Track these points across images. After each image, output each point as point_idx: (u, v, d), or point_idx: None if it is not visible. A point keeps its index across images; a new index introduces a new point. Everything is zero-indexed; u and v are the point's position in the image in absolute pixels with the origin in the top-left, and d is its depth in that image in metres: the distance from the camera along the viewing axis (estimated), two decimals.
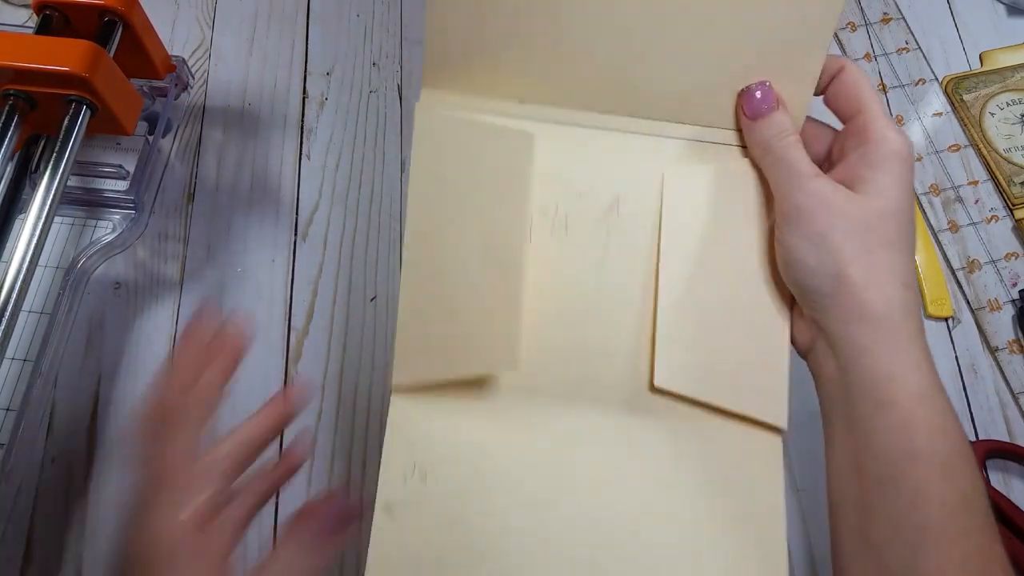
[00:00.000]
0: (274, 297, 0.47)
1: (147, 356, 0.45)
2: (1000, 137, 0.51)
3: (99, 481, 0.42)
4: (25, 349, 0.43)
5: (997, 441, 0.44)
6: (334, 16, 0.55)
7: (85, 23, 0.43)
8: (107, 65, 0.40)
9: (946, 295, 0.47)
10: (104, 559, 0.40)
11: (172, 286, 0.47)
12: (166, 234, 0.48)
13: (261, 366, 0.45)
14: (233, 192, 0.49)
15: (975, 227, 0.49)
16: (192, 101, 0.52)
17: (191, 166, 0.50)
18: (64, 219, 0.47)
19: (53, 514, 0.41)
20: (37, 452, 0.42)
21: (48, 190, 0.39)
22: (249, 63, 0.53)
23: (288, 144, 0.51)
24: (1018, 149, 0.51)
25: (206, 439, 0.30)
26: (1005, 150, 0.51)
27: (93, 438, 0.43)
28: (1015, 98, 0.52)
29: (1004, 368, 0.46)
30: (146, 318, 0.46)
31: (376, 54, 0.54)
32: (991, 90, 0.53)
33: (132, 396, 0.44)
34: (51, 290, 0.45)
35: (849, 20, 0.56)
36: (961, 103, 0.52)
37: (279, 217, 0.49)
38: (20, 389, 0.42)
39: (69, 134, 0.40)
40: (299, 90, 0.53)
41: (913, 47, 0.55)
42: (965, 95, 0.52)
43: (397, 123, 0.52)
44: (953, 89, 0.53)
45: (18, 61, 0.39)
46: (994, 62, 0.54)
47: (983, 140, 0.51)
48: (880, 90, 0.53)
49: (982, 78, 0.53)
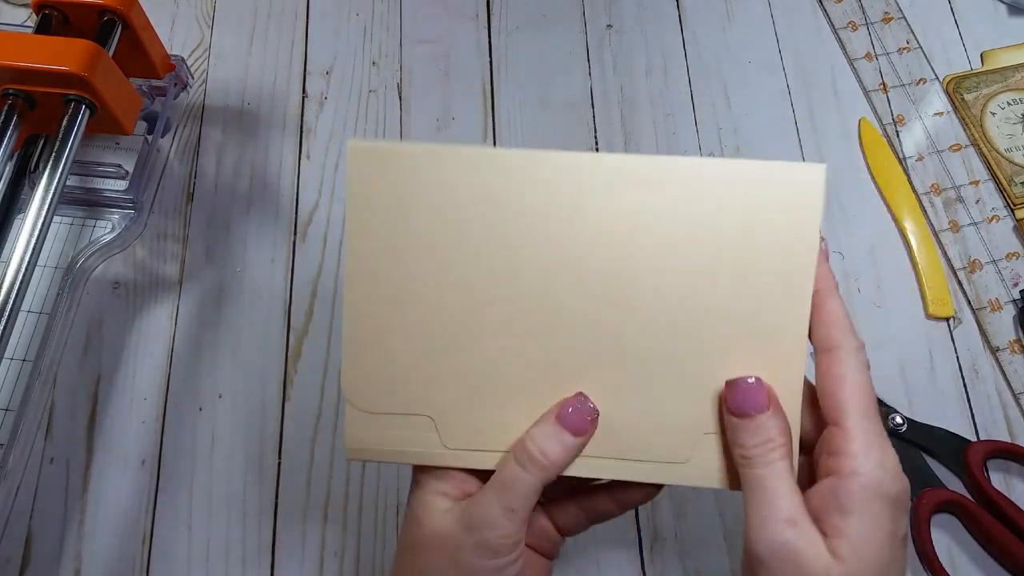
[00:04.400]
0: (274, 297, 0.47)
1: (146, 356, 0.45)
2: (1001, 136, 0.51)
3: (98, 481, 0.42)
4: (24, 349, 0.43)
5: (998, 441, 0.43)
6: (333, 15, 0.55)
7: (84, 22, 0.43)
8: (106, 64, 0.40)
9: (947, 295, 0.47)
10: (103, 559, 0.40)
11: (171, 286, 0.47)
12: (165, 234, 0.48)
13: (261, 366, 0.45)
14: (232, 192, 0.49)
15: (976, 227, 0.49)
16: (191, 100, 0.52)
17: (190, 166, 0.50)
18: (63, 219, 0.47)
19: (52, 514, 0.41)
20: (36, 452, 0.42)
21: (47, 190, 0.39)
22: (248, 62, 0.53)
23: (287, 144, 0.51)
24: (1019, 149, 0.51)
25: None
26: (1006, 150, 0.51)
27: (92, 438, 0.43)
28: (1016, 97, 0.52)
29: (1005, 368, 0.46)
30: (145, 318, 0.46)
31: (376, 54, 0.54)
32: (992, 90, 0.53)
33: (131, 396, 0.44)
34: (50, 290, 0.45)
35: (850, 19, 0.56)
36: (962, 103, 0.52)
37: (278, 217, 0.49)
38: (19, 389, 0.42)
39: (68, 133, 0.40)
40: (298, 89, 0.53)
41: (914, 46, 0.55)
42: (966, 95, 0.52)
43: (397, 123, 0.52)
44: (954, 89, 0.53)
45: (17, 60, 0.39)
46: (995, 61, 0.54)
47: (984, 140, 0.51)
48: (881, 90, 0.53)
49: (983, 78, 0.53)
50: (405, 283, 0.29)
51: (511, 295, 0.29)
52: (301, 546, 0.41)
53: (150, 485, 0.42)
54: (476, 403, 0.29)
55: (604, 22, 0.55)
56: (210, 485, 0.42)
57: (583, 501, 0.32)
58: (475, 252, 0.29)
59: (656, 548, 0.41)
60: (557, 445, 0.28)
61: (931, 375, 0.46)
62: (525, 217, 0.29)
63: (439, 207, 0.29)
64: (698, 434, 0.29)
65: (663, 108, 0.53)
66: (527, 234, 0.29)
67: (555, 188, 0.29)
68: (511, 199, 0.29)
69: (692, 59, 0.54)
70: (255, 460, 0.43)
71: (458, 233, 0.29)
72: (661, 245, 0.29)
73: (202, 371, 0.45)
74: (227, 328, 0.46)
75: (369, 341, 0.30)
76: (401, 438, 0.30)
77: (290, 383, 0.44)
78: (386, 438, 0.30)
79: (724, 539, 0.42)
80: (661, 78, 0.54)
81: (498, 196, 0.29)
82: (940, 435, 0.43)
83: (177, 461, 0.43)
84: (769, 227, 0.28)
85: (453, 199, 0.29)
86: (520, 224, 0.29)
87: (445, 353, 0.29)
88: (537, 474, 0.27)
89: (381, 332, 0.30)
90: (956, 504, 0.42)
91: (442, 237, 0.29)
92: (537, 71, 0.54)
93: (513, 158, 0.29)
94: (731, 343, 0.29)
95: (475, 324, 0.29)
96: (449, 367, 0.29)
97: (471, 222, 0.29)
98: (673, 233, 0.29)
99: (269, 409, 0.44)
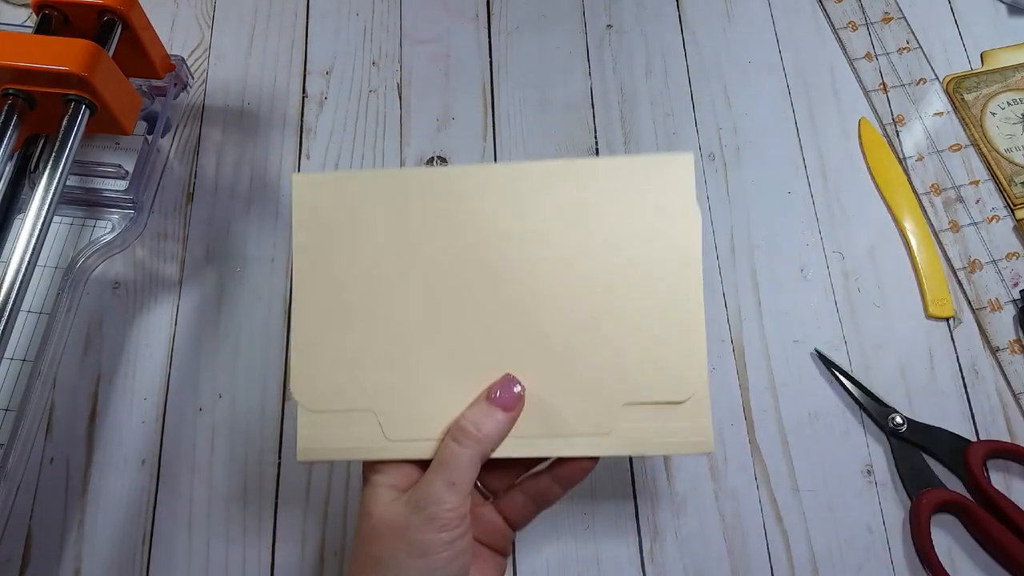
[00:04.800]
0: (273, 297, 0.47)
1: (146, 356, 0.45)
2: (1001, 137, 0.51)
3: (98, 481, 0.42)
4: (24, 349, 0.43)
5: (998, 441, 0.43)
6: (333, 15, 0.55)
7: (84, 22, 0.43)
8: (106, 64, 0.40)
9: (947, 295, 0.47)
10: (103, 559, 0.40)
11: (171, 286, 0.47)
12: (165, 234, 0.48)
13: (261, 366, 0.45)
14: (232, 191, 0.49)
15: (976, 227, 0.49)
16: (191, 100, 0.52)
17: (190, 165, 0.50)
18: (63, 219, 0.47)
19: (52, 514, 0.41)
20: (36, 452, 0.42)
21: (47, 189, 0.39)
22: (248, 62, 0.53)
23: (287, 143, 0.51)
24: (1019, 149, 0.51)
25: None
26: (1006, 150, 0.51)
27: (92, 438, 0.43)
28: (1016, 97, 0.52)
29: (1005, 368, 0.46)
30: (145, 318, 0.46)
31: (376, 53, 0.54)
32: (992, 90, 0.53)
33: (131, 396, 0.44)
34: (50, 290, 0.45)
35: (850, 19, 0.56)
36: (962, 103, 0.52)
37: (278, 216, 0.49)
38: (19, 389, 0.42)
39: (68, 133, 0.40)
40: (298, 89, 0.53)
41: (914, 46, 0.55)
42: (966, 95, 0.52)
43: (397, 123, 0.52)
44: (954, 89, 0.53)
45: (17, 60, 0.39)
46: (995, 61, 0.54)
47: (984, 140, 0.51)
48: (881, 90, 0.53)
49: (983, 77, 0.53)
50: (344, 294, 0.33)
51: (438, 298, 0.33)
52: (301, 546, 0.41)
53: (150, 485, 0.42)
54: (413, 396, 0.32)
55: (604, 22, 0.55)
56: (210, 485, 0.42)
57: (528, 487, 0.34)
58: (403, 262, 0.33)
59: (656, 547, 0.42)
60: (490, 420, 0.31)
61: (931, 375, 0.46)
62: (443, 227, 0.33)
63: (369, 225, 0.33)
64: (617, 406, 0.32)
65: (663, 108, 0.53)
66: (447, 241, 0.33)
67: (467, 199, 0.33)
68: (430, 213, 0.33)
69: (692, 59, 0.54)
70: (255, 460, 0.43)
71: (387, 246, 0.33)
72: (564, 240, 0.33)
73: (202, 371, 0.45)
74: (227, 328, 0.46)
75: (314, 347, 0.33)
76: (348, 436, 0.32)
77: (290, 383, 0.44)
78: (335, 437, 0.32)
79: (724, 539, 0.42)
80: (661, 78, 0.54)
81: (420, 211, 0.33)
82: (940, 435, 0.44)
83: (177, 461, 0.43)
84: (656, 209, 0.33)
85: (382, 217, 0.33)
86: (440, 234, 0.33)
87: (383, 354, 0.33)
88: (473, 447, 0.30)
89: (325, 338, 0.33)
90: (956, 504, 0.42)
91: (374, 251, 0.33)
92: (537, 71, 0.54)
93: (426, 175, 0.34)
94: (637, 315, 0.32)
95: (408, 325, 0.33)
96: (387, 366, 0.33)
97: (398, 236, 0.33)
98: (575, 228, 0.33)
99: (269, 409, 0.44)
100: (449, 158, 0.51)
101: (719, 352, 0.46)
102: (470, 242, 0.33)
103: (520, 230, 0.33)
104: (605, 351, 0.32)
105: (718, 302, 0.47)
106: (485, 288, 0.33)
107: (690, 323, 0.32)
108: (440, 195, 0.33)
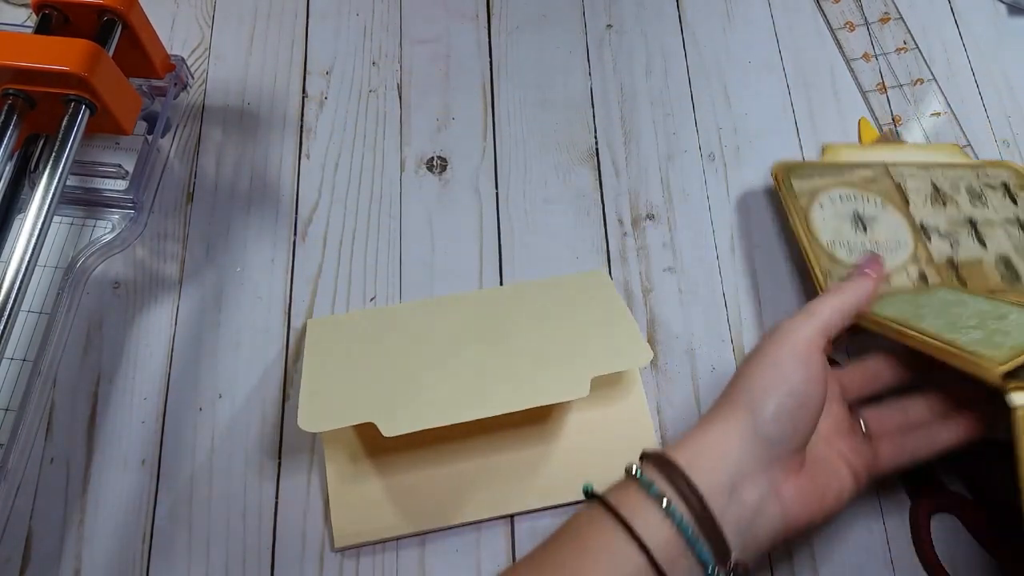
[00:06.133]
0: (273, 297, 0.47)
1: (146, 356, 0.45)
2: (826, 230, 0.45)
3: (98, 481, 0.42)
4: (24, 349, 0.43)
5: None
6: (333, 15, 0.55)
7: (84, 22, 0.43)
8: (106, 64, 0.40)
9: None
10: (103, 559, 0.40)
11: (171, 285, 0.47)
12: (165, 234, 0.48)
13: (261, 366, 0.45)
14: (232, 192, 0.49)
15: None
16: (191, 100, 0.52)
17: (190, 165, 0.50)
18: (63, 219, 0.47)
19: (52, 514, 0.41)
20: (36, 452, 0.42)
21: (47, 189, 0.39)
22: (248, 62, 0.53)
23: (287, 143, 0.51)
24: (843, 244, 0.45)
25: None
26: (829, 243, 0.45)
27: (92, 438, 0.43)
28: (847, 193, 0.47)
29: None
30: (145, 318, 0.46)
31: (376, 53, 0.54)
32: (825, 182, 0.47)
33: (131, 396, 0.44)
34: (50, 290, 0.45)
35: (848, 20, 0.56)
36: (790, 190, 0.47)
37: (278, 216, 0.49)
38: (19, 389, 0.42)
39: (68, 133, 0.40)
40: (298, 89, 0.53)
41: (912, 47, 0.55)
42: (796, 181, 0.47)
43: (397, 122, 0.52)
44: (784, 177, 0.47)
45: (17, 60, 0.39)
46: (836, 156, 0.50)
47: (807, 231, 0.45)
48: (879, 90, 0.53)
49: (818, 169, 0.48)
50: (348, 369, 0.41)
51: (423, 352, 0.42)
52: (301, 546, 0.41)
53: (150, 485, 0.42)
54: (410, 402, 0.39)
55: (604, 22, 0.55)
56: (210, 485, 0.42)
57: (898, 411, 0.39)
58: (387, 354, 0.42)
59: None
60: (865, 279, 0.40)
61: None
62: (421, 333, 0.43)
63: (363, 335, 0.43)
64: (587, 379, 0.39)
65: (663, 108, 0.53)
66: (421, 344, 0.42)
67: (437, 319, 0.44)
68: (409, 326, 0.44)
69: (692, 59, 0.54)
70: (255, 460, 0.43)
71: (376, 348, 0.42)
72: (514, 324, 0.43)
73: (202, 371, 0.45)
74: (227, 328, 0.46)
75: (323, 387, 0.40)
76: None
77: (290, 383, 0.44)
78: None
79: None
80: (661, 78, 0.54)
81: (398, 325, 0.44)
82: None
83: (177, 461, 0.43)
84: (586, 297, 0.44)
85: (371, 331, 0.44)
86: (418, 338, 0.43)
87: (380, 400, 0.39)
88: (863, 282, 0.39)
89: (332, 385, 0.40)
90: (956, 504, 0.42)
91: (367, 354, 0.42)
92: (537, 71, 0.54)
93: (400, 310, 0.45)
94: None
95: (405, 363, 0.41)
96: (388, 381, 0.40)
97: (383, 341, 0.43)
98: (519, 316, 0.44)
99: (269, 409, 0.44)
100: (449, 158, 0.51)
101: (719, 352, 0.46)
102: (436, 340, 0.43)
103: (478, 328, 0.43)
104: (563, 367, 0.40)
105: (718, 302, 0.47)
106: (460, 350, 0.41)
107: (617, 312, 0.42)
108: (415, 319, 0.44)
